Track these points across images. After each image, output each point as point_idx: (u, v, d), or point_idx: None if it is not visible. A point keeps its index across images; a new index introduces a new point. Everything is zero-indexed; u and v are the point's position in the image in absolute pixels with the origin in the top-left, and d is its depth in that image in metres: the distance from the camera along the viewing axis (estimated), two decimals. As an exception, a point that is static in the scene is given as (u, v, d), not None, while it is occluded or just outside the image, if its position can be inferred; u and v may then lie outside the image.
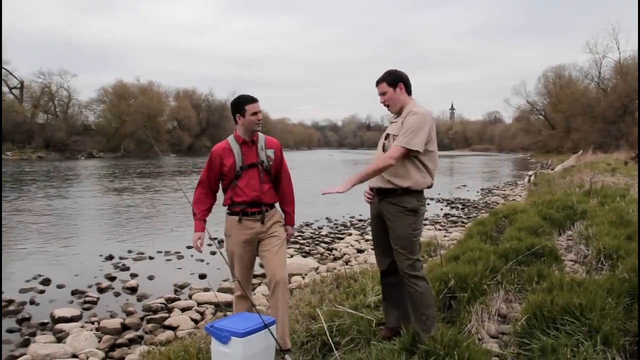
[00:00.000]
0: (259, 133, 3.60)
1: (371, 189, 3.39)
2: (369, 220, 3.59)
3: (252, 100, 3.50)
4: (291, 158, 63.39)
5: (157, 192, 22.09)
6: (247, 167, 3.50)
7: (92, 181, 28.37)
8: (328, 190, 3.11)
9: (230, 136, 3.60)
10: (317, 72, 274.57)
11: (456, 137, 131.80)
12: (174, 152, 68.78)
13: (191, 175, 31.95)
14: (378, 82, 3.32)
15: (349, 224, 13.96)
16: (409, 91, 3.32)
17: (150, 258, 9.93)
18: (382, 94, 3.31)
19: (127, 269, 9.04)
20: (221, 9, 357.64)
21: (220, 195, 3.70)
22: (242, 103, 3.48)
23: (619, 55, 51.07)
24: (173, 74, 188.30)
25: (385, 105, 3.34)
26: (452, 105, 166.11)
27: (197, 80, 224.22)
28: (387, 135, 3.28)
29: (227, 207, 3.59)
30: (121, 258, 9.80)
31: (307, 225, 13.58)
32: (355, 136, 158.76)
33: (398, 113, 3.34)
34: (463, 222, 13.68)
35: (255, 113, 3.48)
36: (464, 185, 25.82)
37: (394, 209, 3.21)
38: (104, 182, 27.94)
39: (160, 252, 10.34)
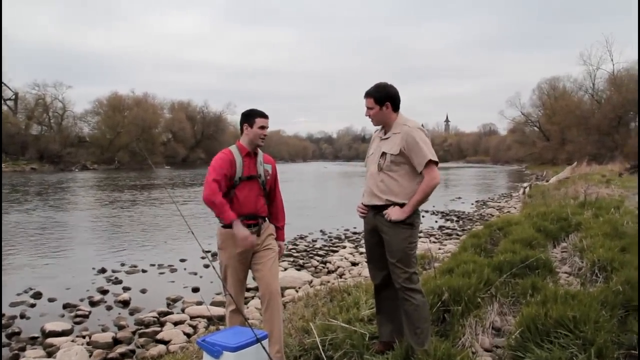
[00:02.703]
0: (258, 148, 3.64)
1: (365, 205, 3.39)
2: (364, 234, 3.59)
3: (264, 115, 3.58)
4: (286, 170, 63.60)
5: (150, 204, 22.00)
6: (247, 178, 3.51)
7: (85, 193, 28.25)
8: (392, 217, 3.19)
9: (231, 146, 3.61)
10: (314, 84, 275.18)
11: (451, 148, 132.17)
12: (168, 164, 68.64)
13: (187, 187, 31.88)
14: (366, 96, 3.34)
15: (343, 236, 13.94)
16: (396, 108, 3.32)
17: (143, 271, 9.87)
18: (369, 108, 3.34)
19: (120, 282, 8.98)
20: (218, 21, 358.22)
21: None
22: (253, 114, 3.55)
23: (613, 67, 51.52)
24: (168, 86, 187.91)
25: (369, 118, 3.37)
26: (447, 117, 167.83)
27: (192, 92, 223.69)
28: (383, 154, 3.27)
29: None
30: (114, 271, 9.74)
31: (301, 238, 13.54)
32: (350, 148, 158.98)
33: (384, 128, 3.38)
34: (457, 235, 13.66)
35: (263, 127, 3.53)
36: (459, 198, 25.83)
37: (389, 223, 3.21)
38: (98, 194, 27.83)
39: (153, 265, 10.29)
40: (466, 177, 49.85)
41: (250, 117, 3.55)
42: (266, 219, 3.67)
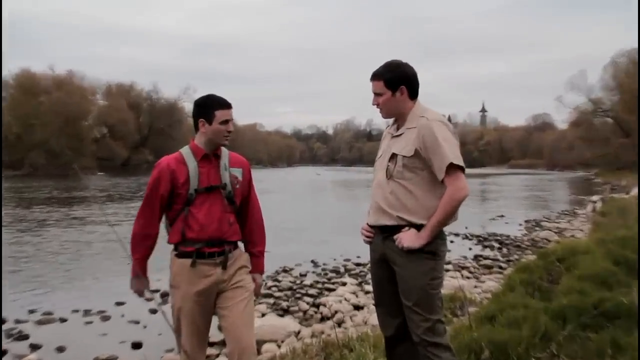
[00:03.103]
0: (223, 147, 3.66)
1: (372, 226, 3.43)
2: (370, 266, 3.59)
3: (225, 104, 3.56)
4: (264, 177, 63.18)
5: (74, 226, 21.93)
6: (206, 190, 3.53)
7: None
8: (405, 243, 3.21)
9: (184, 147, 3.64)
10: (302, 63, 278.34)
11: (489, 148, 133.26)
12: (102, 170, 68.73)
13: (126, 201, 31.78)
14: (374, 78, 3.39)
15: (342, 269, 13.94)
16: (413, 94, 3.37)
17: (62, 320, 9.75)
18: (377, 94, 3.38)
19: (26, 337, 8.84)
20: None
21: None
22: (211, 105, 3.54)
23: None
24: (103, 63, 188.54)
25: (377, 107, 3.42)
26: (483, 107, 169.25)
27: (137, 72, 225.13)
28: (393, 156, 3.32)
29: (174, 245, 3.60)
30: (18, 322, 9.57)
31: (285, 271, 13.53)
32: (352, 148, 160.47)
33: (397, 121, 3.44)
34: (500, 267, 13.75)
35: (226, 121, 3.54)
36: (501, 216, 26.05)
37: (403, 251, 3.23)
38: None
39: (76, 311, 10.18)
40: (511, 188, 50.15)
41: (206, 108, 3.54)
42: (237, 244, 3.69)
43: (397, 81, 3.31)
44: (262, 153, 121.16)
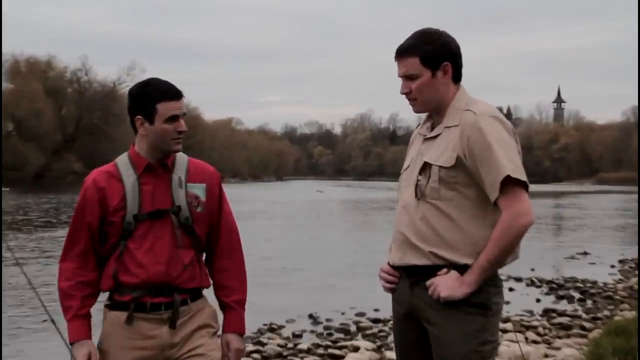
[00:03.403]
0: (179, 153, 3.63)
1: (395, 268, 3.43)
2: (392, 323, 3.63)
3: (171, 94, 3.48)
4: (243, 197, 63.05)
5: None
6: (149, 217, 3.50)
7: None
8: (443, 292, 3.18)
9: (121, 156, 3.62)
10: (299, 32, 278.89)
11: (567, 156, 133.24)
12: (7, 184, 68.68)
13: (40, 229, 31.79)
14: (404, 53, 3.34)
15: (353, 327, 13.97)
16: (457, 76, 3.37)
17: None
18: (408, 77, 3.34)
19: None
20: None
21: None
22: (150, 96, 3.46)
23: None
24: (7, 28, 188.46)
25: (408, 97, 3.37)
26: (558, 95, 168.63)
27: (59, 41, 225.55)
28: (426, 166, 3.30)
29: (108, 294, 3.58)
30: None
31: (271, 330, 13.53)
32: (368, 155, 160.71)
33: (432, 117, 3.44)
34: (583, 328, 13.69)
35: (174, 118, 3.46)
36: (585, 253, 26.07)
37: (439, 303, 3.20)
38: None
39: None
40: (599, 212, 50.28)
41: (144, 100, 3.47)
42: (200, 293, 3.66)
43: (439, 56, 3.28)
44: (240, 161, 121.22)
